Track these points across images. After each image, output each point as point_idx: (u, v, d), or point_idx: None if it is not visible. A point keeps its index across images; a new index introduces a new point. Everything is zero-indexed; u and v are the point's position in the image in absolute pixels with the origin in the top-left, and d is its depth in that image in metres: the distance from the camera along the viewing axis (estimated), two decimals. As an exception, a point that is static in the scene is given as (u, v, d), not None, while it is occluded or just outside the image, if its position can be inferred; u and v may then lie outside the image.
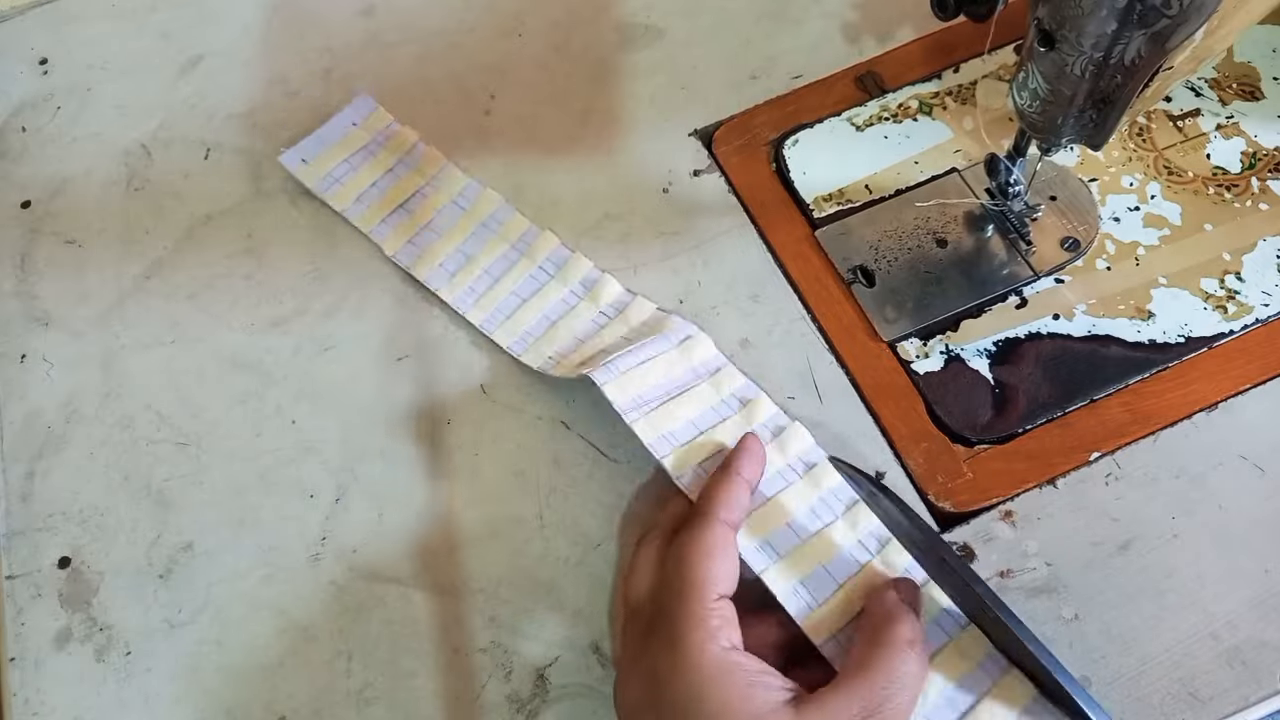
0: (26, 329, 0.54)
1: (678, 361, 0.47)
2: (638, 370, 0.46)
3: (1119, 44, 0.37)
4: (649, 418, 0.45)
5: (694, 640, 0.36)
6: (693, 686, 0.35)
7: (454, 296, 0.51)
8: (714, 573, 0.38)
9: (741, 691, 0.35)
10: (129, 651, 0.45)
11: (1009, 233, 0.51)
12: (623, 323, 0.50)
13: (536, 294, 0.51)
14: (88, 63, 0.63)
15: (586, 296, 0.50)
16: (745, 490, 0.42)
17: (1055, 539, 0.44)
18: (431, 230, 0.54)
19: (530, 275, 0.52)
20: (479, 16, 0.63)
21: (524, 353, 0.49)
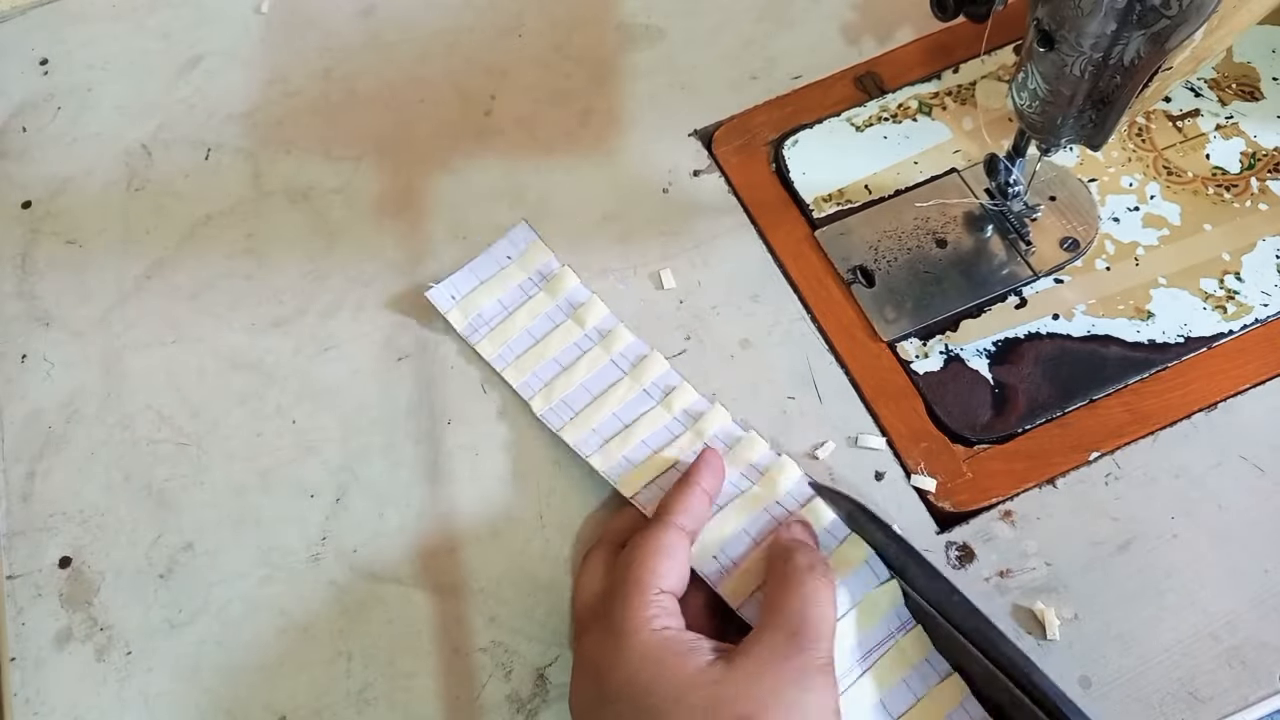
0: (27, 329, 0.54)
1: (630, 387, 0.48)
2: (591, 407, 0.48)
3: (1118, 44, 0.37)
4: (604, 449, 0.47)
5: (631, 629, 0.37)
6: (630, 668, 0.36)
7: (607, 467, 0.46)
8: (660, 569, 0.39)
9: (674, 662, 0.36)
10: (129, 651, 0.45)
11: (1008, 233, 0.51)
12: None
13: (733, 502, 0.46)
14: (88, 63, 0.63)
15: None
16: (704, 500, 0.43)
17: (1055, 539, 0.44)
18: (585, 390, 0.48)
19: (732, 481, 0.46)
20: (479, 16, 0.63)
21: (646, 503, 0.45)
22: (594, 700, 0.37)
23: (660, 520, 0.41)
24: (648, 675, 0.36)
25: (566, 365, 0.49)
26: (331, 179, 0.57)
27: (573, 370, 0.49)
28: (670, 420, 0.47)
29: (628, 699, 0.35)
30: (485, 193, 0.56)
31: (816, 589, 0.38)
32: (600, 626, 0.39)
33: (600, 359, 0.49)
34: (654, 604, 0.38)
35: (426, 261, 0.54)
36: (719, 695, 0.35)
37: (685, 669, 0.35)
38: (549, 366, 0.49)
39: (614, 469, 0.46)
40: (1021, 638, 0.42)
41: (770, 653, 0.36)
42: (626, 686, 0.36)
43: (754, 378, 0.49)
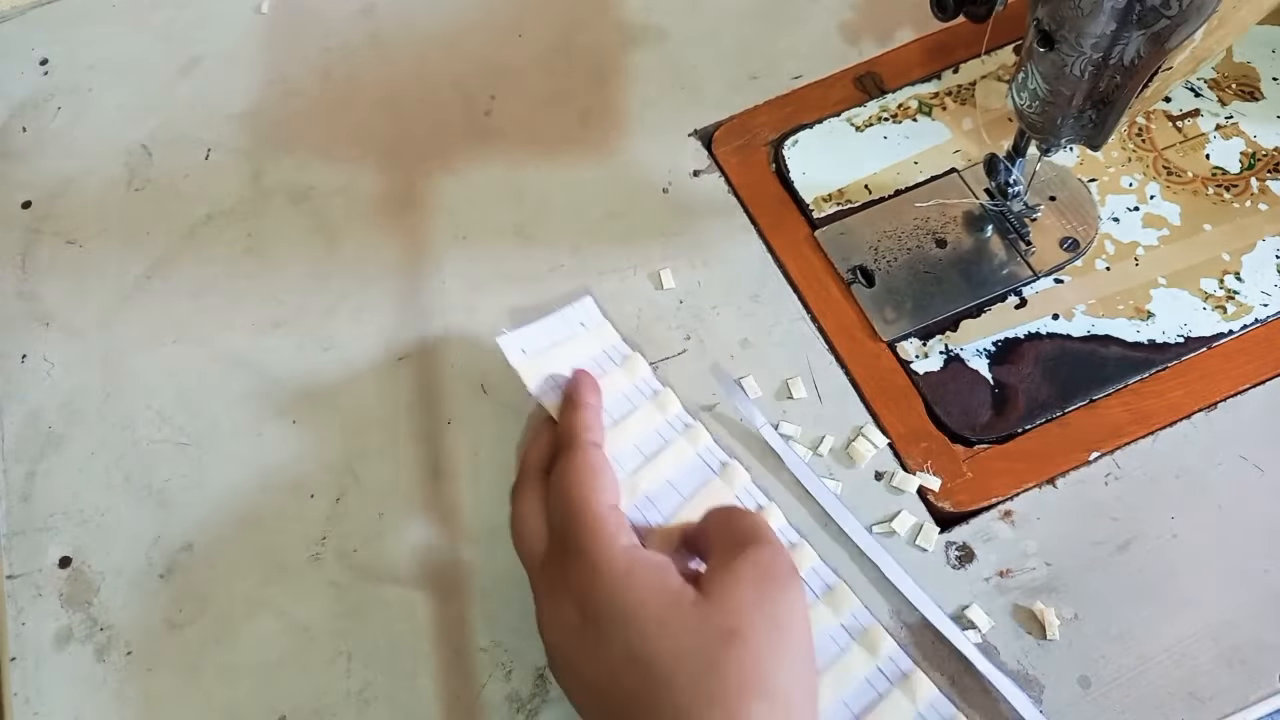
0: (27, 329, 0.54)
1: (723, 491, 0.45)
2: (683, 511, 0.44)
3: (1118, 44, 0.37)
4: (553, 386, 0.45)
5: (600, 544, 0.37)
6: (611, 586, 0.36)
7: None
8: (598, 485, 0.39)
9: (652, 580, 0.36)
10: (129, 651, 0.45)
11: (1008, 233, 0.51)
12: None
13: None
14: (88, 63, 0.63)
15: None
16: (599, 415, 0.44)
17: (1055, 539, 0.44)
18: (672, 489, 0.44)
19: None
20: (479, 17, 0.63)
21: None
22: (575, 621, 0.36)
23: (579, 442, 0.41)
24: (629, 593, 0.35)
25: (650, 455, 0.45)
26: (331, 179, 0.57)
27: (657, 461, 0.44)
28: (631, 389, 0.47)
29: (610, 618, 0.35)
30: (485, 193, 0.56)
31: (743, 513, 0.39)
32: (563, 553, 0.38)
33: (685, 452, 0.45)
34: (611, 520, 0.38)
35: (426, 262, 0.54)
36: (704, 614, 0.34)
37: (665, 588, 0.35)
38: (630, 454, 0.45)
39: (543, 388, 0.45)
40: (1021, 638, 0.42)
41: (745, 565, 0.36)
42: (608, 605, 0.35)
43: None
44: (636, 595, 0.35)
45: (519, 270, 0.53)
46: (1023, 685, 0.41)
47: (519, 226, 0.54)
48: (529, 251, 0.54)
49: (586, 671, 0.35)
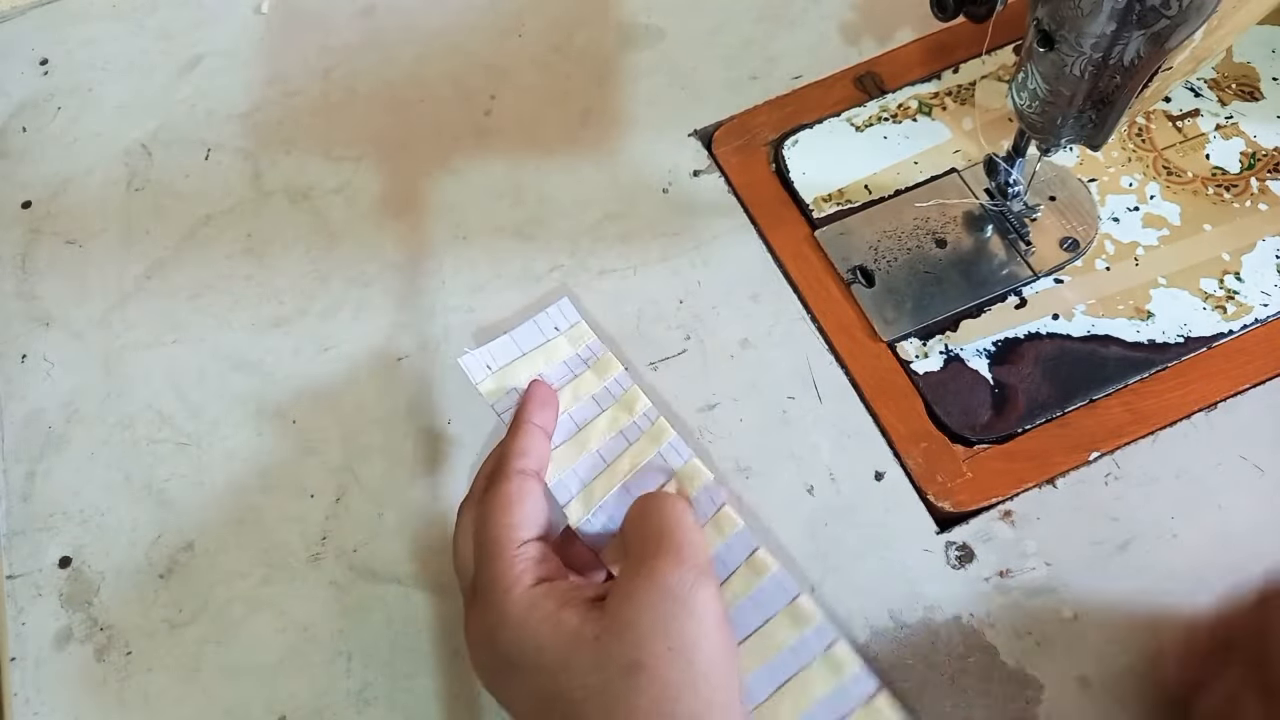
0: (27, 329, 0.54)
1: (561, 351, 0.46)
2: (517, 363, 0.46)
3: (1118, 45, 0.37)
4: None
5: (503, 587, 0.36)
6: (514, 630, 0.35)
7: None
8: (514, 521, 0.38)
9: (554, 619, 0.35)
10: (129, 651, 0.45)
11: (1008, 233, 0.51)
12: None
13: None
14: (88, 63, 0.63)
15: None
16: (540, 436, 0.42)
17: (1055, 539, 0.44)
18: (628, 492, 0.43)
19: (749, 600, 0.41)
20: (479, 16, 0.63)
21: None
22: (490, 665, 0.37)
23: (500, 472, 0.40)
24: (529, 638, 0.35)
25: (610, 460, 0.44)
26: (331, 179, 0.57)
27: (615, 468, 0.44)
28: (722, 545, 0.41)
29: (520, 662, 0.35)
30: (485, 193, 0.56)
31: (669, 505, 0.38)
32: (477, 590, 0.38)
33: (646, 452, 0.44)
34: (519, 560, 0.37)
35: (426, 261, 0.54)
36: (604, 649, 0.34)
37: (566, 626, 0.35)
38: (591, 461, 0.44)
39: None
40: (1022, 638, 0.42)
41: (643, 585, 0.35)
42: (516, 650, 0.35)
43: (754, 378, 0.49)
44: (536, 640, 0.35)
45: (519, 270, 0.53)
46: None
47: (519, 226, 0.54)
48: (529, 251, 0.54)
49: (509, 703, 0.36)
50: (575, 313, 0.49)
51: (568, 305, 0.49)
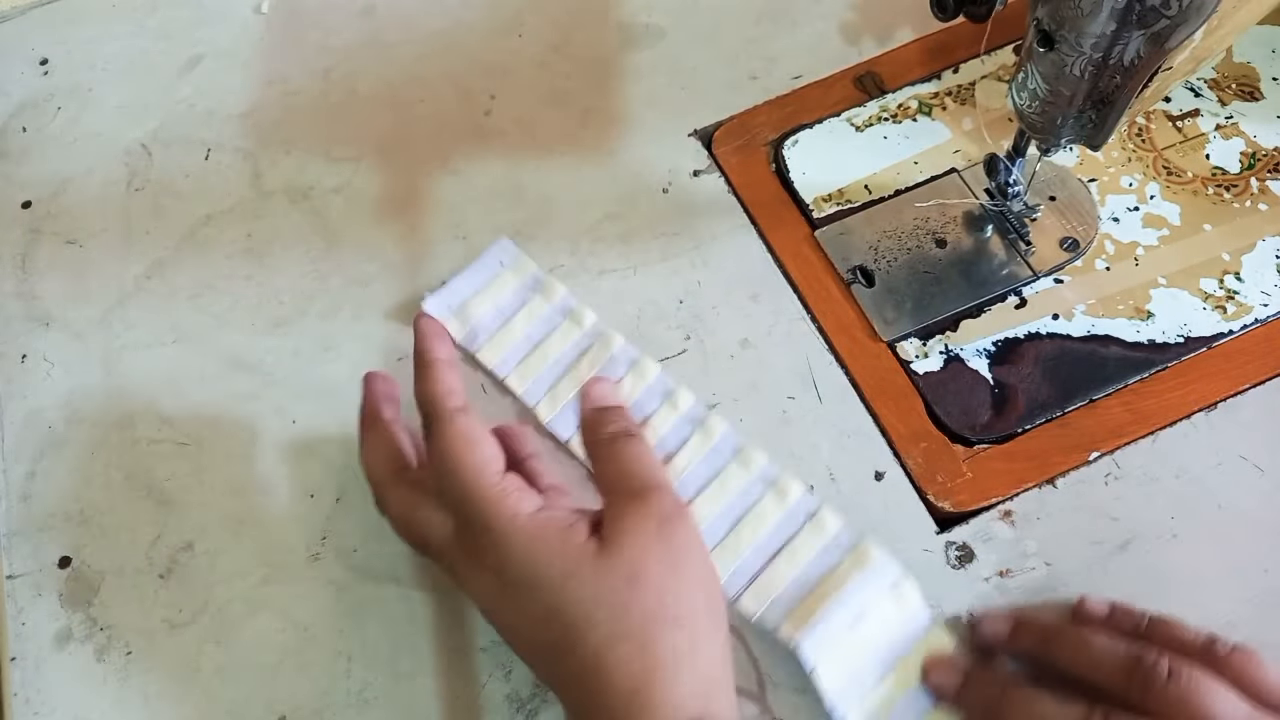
0: (27, 329, 0.54)
1: (633, 387, 0.48)
2: (474, 300, 0.50)
3: (1118, 44, 0.37)
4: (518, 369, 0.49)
5: (503, 518, 0.38)
6: (521, 554, 0.38)
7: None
8: (486, 456, 0.40)
9: (558, 543, 0.38)
10: (129, 651, 0.45)
11: (1008, 233, 0.51)
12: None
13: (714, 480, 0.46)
14: (88, 63, 0.63)
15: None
16: (452, 369, 0.44)
17: (1055, 539, 0.44)
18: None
19: (703, 461, 0.46)
20: (479, 16, 0.63)
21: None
22: (495, 591, 0.38)
23: (444, 413, 0.41)
24: (538, 559, 0.38)
25: (569, 366, 0.49)
26: (331, 179, 0.57)
27: (576, 370, 0.49)
28: (677, 419, 0.47)
29: (524, 582, 0.37)
30: (485, 193, 0.56)
31: (631, 452, 0.41)
32: (470, 531, 0.39)
33: (601, 356, 0.49)
34: (508, 493, 0.39)
35: (426, 262, 0.54)
36: (606, 564, 0.37)
37: (569, 547, 0.38)
38: (551, 370, 0.49)
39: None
40: (1021, 638, 0.42)
41: (636, 510, 0.38)
42: (519, 571, 0.38)
43: (754, 378, 0.49)
44: (544, 559, 0.38)
45: (519, 270, 0.53)
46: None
47: (519, 226, 0.54)
48: (529, 251, 0.54)
49: (514, 628, 0.38)
50: (514, 248, 0.53)
51: (506, 243, 0.53)
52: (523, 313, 0.51)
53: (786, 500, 0.45)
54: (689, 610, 0.37)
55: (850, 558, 0.43)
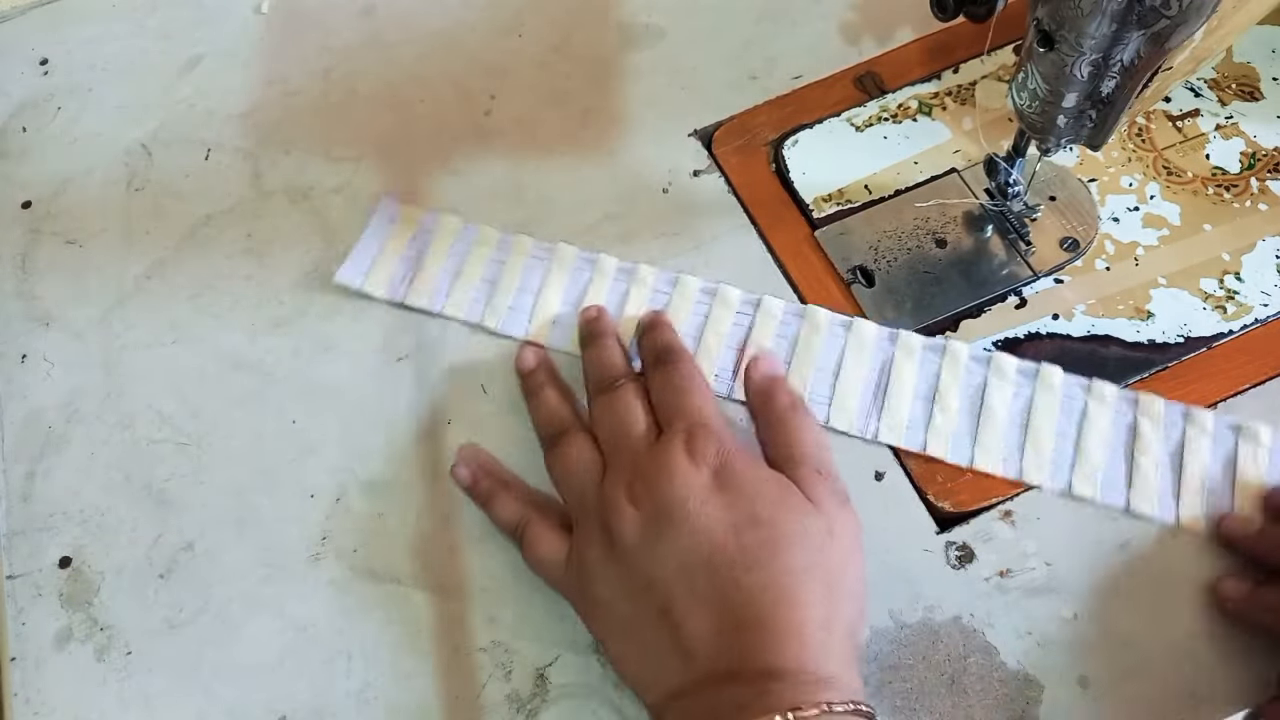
0: (27, 329, 0.54)
1: (558, 272, 0.52)
2: (538, 304, 0.52)
3: (1118, 45, 0.37)
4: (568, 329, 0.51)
5: (734, 439, 0.43)
6: (748, 465, 0.41)
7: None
8: (710, 403, 0.44)
9: (773, 475, 0.41)
10: (129, 651, 0.45)
11: (1008, 233, 0.51)
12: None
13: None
14: (88, 63, 0.63)
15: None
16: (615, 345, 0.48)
17: (1055, 539, 0.44)
18: (525, 291, 0.52)
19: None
20: (479, 16, 0.63)
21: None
22: (707, 485, 0.40)
23: (682, 353, 0.46)
24: (760, 474, 0.41)
25: (494, 279, 0.52)
26: (331, 179, 0.57)
27: (502, 280, 0.52)
28: (612, 282, 0.51)
29: (742, 487, 0.40)
30: (485, 193, 0.56)
31: (803, 425, 0.44)
32: (695, 436, 0.42)
33: (519, 262, 0.52)
34: (726, 430, 0.43)
35: (426, 261, 0.54)
36: (811, 509, 0.40)
37: (784, 484, 0.41)
38: (481, 288, 0.52)
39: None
40: (1022, 638, 0.42)
41: (824, 494, 0.41)
42: (743, 478, 0.40)
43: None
44: (764, 476, 0.41)
45: (519, 270, 0.53)
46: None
47: (519, 226, 0.54)
48: (529, 251, 0.54)
49: (708, 523, 0.39)
50: (396, 204, 0.55)
51: (389, 200, 0.55)
52: (430, 252, 0.53)
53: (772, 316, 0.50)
54: (861, 570, 0.40)
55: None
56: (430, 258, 0.53)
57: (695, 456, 0.41)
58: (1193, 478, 0.44)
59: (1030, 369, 0.47)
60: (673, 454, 0.41)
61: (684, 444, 0.41)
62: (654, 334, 0.48)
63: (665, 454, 0.41)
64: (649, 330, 0.48)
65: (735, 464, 0.41)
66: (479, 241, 0.53)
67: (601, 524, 0.41)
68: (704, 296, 0.50)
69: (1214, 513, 0.43)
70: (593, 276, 0.51)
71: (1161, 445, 0.45)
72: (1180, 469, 0.44)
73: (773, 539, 0.38)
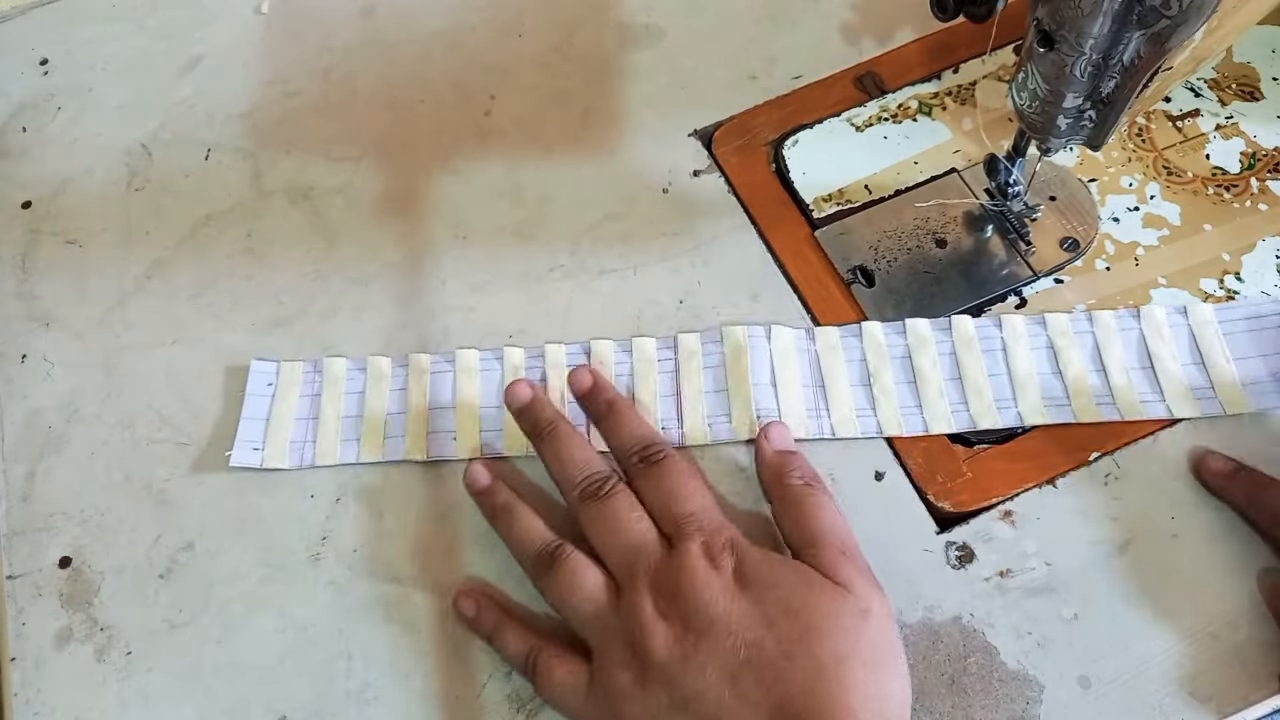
0: (27, 329, 0.54)
1: (418, 381, 0.50)
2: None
3: (1118, 45, 0.37)
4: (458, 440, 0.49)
5: (734, 531, 0.42)
6: (763, 558, 0.40)
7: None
8: (709, 498, 0.43)
9: (792, 563, 0.41)
10: (129, 651, 0.45)
11: (1008, 233, 0.51)
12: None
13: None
14: (88, 63, 0.63)
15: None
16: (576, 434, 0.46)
17: (1055, 539, 0.44)
18: (441, 410, 0.49)
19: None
20: (479, 16, 0.63)
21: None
22: (729, 587, 0.39)
23: (667, 452, 0.44)
24: (781, 565, 0.40)
25: (401, 409, 0.49)
26: (331, 179, 0.57)
27: (411, 409, 0.49)
28: (525, 372, 0.50)
29: (767, 580, 0.39)
30: (485, 193, 0.56)
31: (820, 504, 0.43)
32: (703, 533, 0.41)
33: (422, 383, 0.49)
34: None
35: (426, 261, 0.54)
36: (843, 593, 0.39)
37: (804, 570, 0.40)
38: (393, 423, 0.49)
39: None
40: (1022, 638, 0.42)
41: (852, 572, 0.40)
42: (763, 571, 0.40)
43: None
44: (782, 565, 0.40)
45: (519, 270, 0.53)
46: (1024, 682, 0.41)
47: (519, 226, 0.54)
48: (529, 251, 0.54)
49: (741, 623, 0.38)
50: (271, 364, 0.51)
51: (260, 364, 0.51)
52: (325, 404, 0.49)
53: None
54: (904, 670, 0.39)
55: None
56: (326, 410, 0.49)
57: (713, 559, 0.40)
58: (1118, 372, 0.47)
59: (944, 323, 0.48)
60: (693, 562, 0.40)
61: (701, 550, 0.40)
62: (595, 395, 0.47)
63: (685, 563, 0.40)
64: (589, 393, 0.47)
65: (751, 558, 0.40)
66: (374, 376, 0.50)
67: (629, 645, 0.39)
68: (622, 355, 0.49)
69: (1144, 389, 0.46)
70: (504, 372, 0.49)
71: (1080, 351, 0.47)
72: (1104, 369, 0.47)
73: (807, 627, 0.38)
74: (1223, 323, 0.47)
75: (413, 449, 0.48)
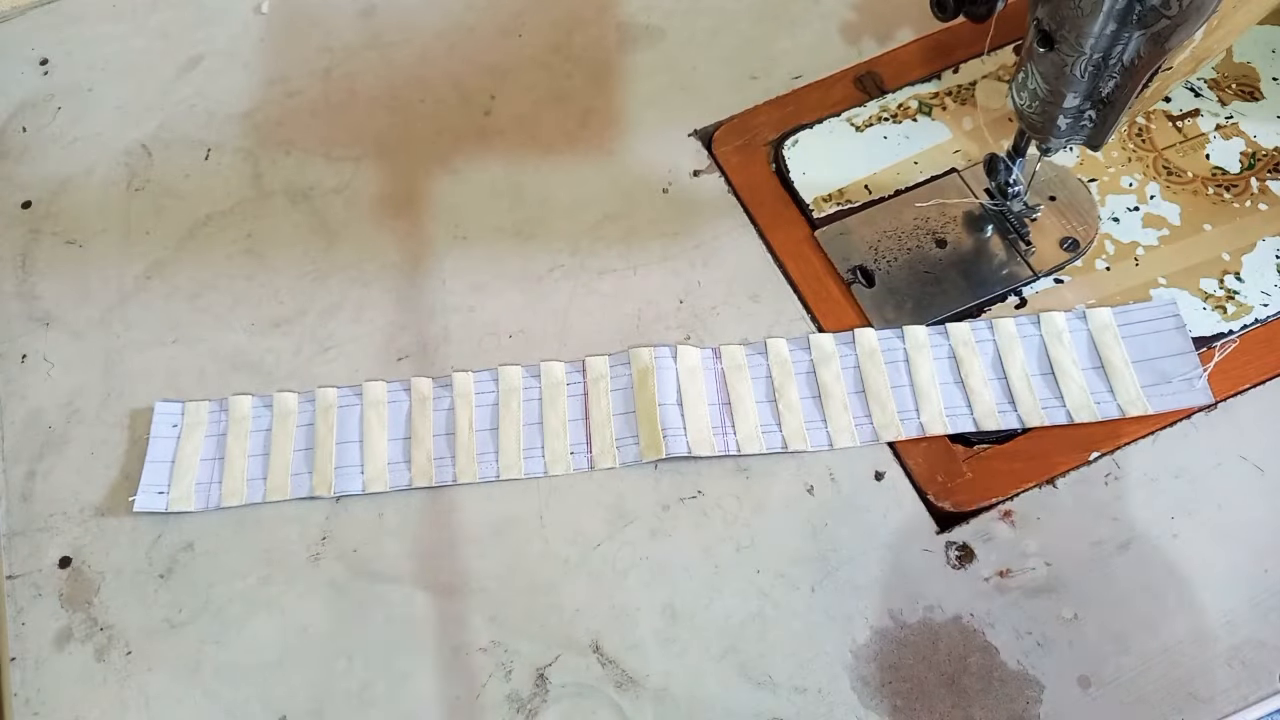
0: (27, 329, 0.54)
1: (379, 414, 0.49)
2: (367, 451, 0.49)
3: (1118, 45, 0.37)
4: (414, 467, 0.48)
5: None
6: None
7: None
8: None
9: None
10: (129, 651, 0.45)
11: (1008, 233, 0.51)
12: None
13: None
14: (88, 63, 0.63)
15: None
16: None
17: (1055, 539, 0.44)
18: (348, 444, 0.48)
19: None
20: (479, 16, 0.63)
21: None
22: None
23: None
24: None
25: (309, 445, 0.49)
26: (331, 179, 0.57)
27: (318, 444, 0.48)
28: (434, 402, 0.49)
29: None
30: (485, 193, 0.56)
31: None
32: None
33: (329, 417, 0.49)
34: None
35: (426, 261, 0.54)
36: None
37: None
38: (299, 459, 0.48)
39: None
40: (1021, 638, 0.42)
41: None
42: None
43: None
44: None
45: (519, 270, 0.53)
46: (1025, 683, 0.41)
47: (519, 226, 0.54)
48: (529, 251, 0.54)
49: None
50: (175, 405, 0.50)
51: (164, 405, 0.50)
52: (231, 443, 0.49)
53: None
54: None
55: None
56: (233, 449, 0.49)
57: None
58: (1018, 378, 0.47)
59: (847, 337, 0.49)
60: None
61: None
62: None
63: None
64: None
65: None
66: (281, 413, 0.49)
67: None
68: (532, 381, 0.49)
69: (1044, 395, 0.47)
70: (411, 404, 0.49)
71: (981, 360, 0.48)
72: (1005, 374, 0.47)
73: None
74: (1122, 326, 0.48)
75: (318, 485, 0.47)
